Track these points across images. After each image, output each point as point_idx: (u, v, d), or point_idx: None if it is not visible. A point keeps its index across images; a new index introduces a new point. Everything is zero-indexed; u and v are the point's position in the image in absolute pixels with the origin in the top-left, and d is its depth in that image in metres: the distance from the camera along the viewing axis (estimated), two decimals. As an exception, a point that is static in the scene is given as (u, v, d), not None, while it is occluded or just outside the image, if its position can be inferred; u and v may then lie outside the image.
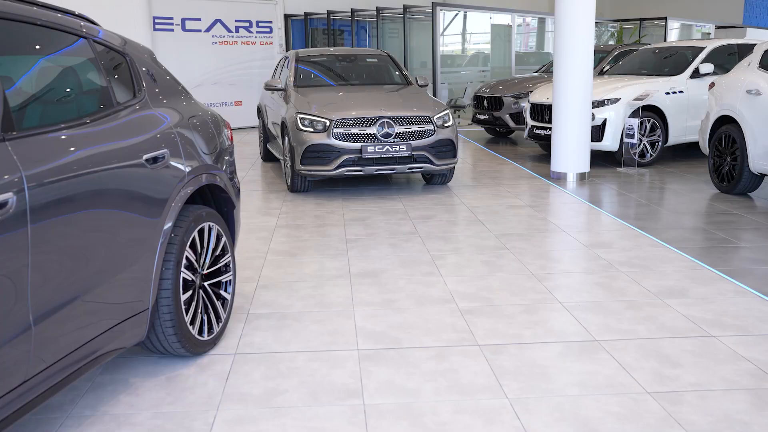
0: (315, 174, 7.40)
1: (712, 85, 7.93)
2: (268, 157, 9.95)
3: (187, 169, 3.35)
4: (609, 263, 5.05)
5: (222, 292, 3.71)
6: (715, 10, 22.79)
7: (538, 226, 6.18)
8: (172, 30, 13.78)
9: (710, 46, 9.80)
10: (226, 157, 3.87)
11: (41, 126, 2.59)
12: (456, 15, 16.55)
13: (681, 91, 9.29)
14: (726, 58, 9.68)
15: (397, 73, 9.08)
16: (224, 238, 3.71)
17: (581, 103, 8.19)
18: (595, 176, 8.55)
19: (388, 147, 7.30)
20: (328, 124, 7.28)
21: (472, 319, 4.00)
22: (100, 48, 3.15)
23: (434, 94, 14.26)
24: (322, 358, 3.50)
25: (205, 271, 3.55)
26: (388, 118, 7.35)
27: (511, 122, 11.75)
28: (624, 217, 6.46)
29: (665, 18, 19.26)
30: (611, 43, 18.68)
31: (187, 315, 3.32)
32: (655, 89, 9.06)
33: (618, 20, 20.48)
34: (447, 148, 7.61)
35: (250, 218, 6.60)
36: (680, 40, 18.95)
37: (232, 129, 4.35)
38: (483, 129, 13.24)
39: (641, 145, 9.12)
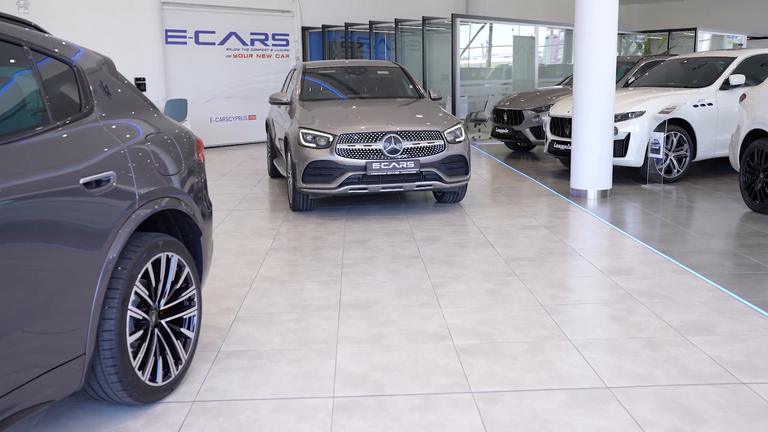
0: (317, 192, 7.01)
1: (743, 97, 7.41)
2: (275, 173, 9.60)
3: (140, 194, 2.96)
4: (627, 293, 4.56)
5: (183, 330, 3.32)
6: (748, 20, 22.07)
7: (552, 249, 5.71)
8: (185, 43, 13.55)
9: (741, 56, 9.26)
10: (194, 179, 3.49)
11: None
12: (482, 27, 16.14)
13: (710, 104, 8.75)
14: (758, 69, 9.13)
15: (409, 86, 8.68)
16: (187, 269, 3.32)
17: (603, 117, 7.71)
18: (618, 193, 8.04)
19: (394, 164, 6.89)
20: (331, 139, 6.89)
21: (467, 360, 3.55)
22: (39, 57, 2.79)
23: (453, 108, 13.84)
24: (291, 407, 3.08)
25: (163, 307, 3.17)
26: (395, 133, 6.95)
27: (531, 136, 11.28)
28: (646, 239, 5.96)
29: (695, 29, 18.64)
30: (638, 54, 18.11)
31: (135, 359, 2.92)
32: (683, 102, 8.54)
33: (646, 32, 19.91)
34: (458, 165, 7.18)
35: (244, 240, 6.22)
36: (710, 50, 18.31)
37: (245, 143, 3.95)
38: (503, 143, 12.78)
39: (667, 161, 8.59)
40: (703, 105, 8.74)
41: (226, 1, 13.98)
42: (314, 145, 6.94)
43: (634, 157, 8.48)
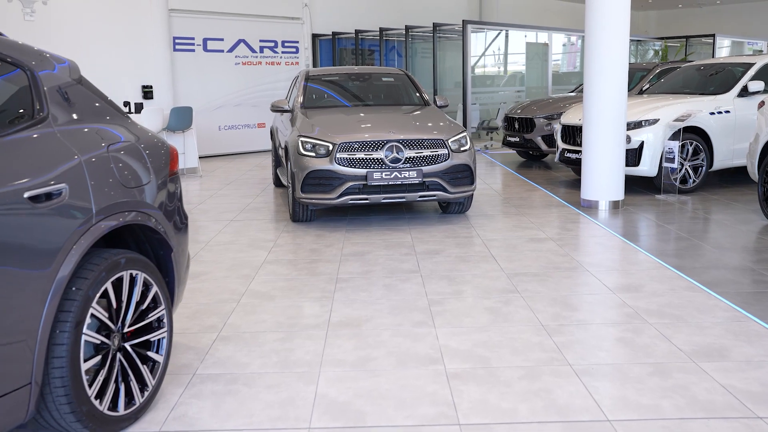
0: (317, 203, 6.78)
1: (761, 104, 7.10)
2: (279, 182, 9.38)
3: (98, 208, 2.74)
4: (635, 312, 4.28)
5: (151, 354, 3.09)
6: (768, 26, 21.65)
7: (558, 263, 5.43)
8: (193, 50, 13.41)
9: (760, 61, 8.93)
10: (165, 192, 3.26)
11: None
12: (498, 35, 15.89)
13: (727, 111, 8.43)
14: (778, 75, 8.80)
15: (415, 93, 8.44)
16: (155, 288, 3.09)
17: (614, 125, 7.42)
18: (631, 204, 7.74)
19: (396, 173, 6.64)
20: (331, 148, 6.66)
21: (458, 387, 3.29)
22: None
23: (464, 116, 13.58)
24: (262, 440, 2.84)
25: (127, 329, 2.94)
26: (397, 141, 6.71)
27: (543, 145, 11.00)
28: (659, 254, 5.66)
29: (713, 35, 18.27)
30: (655, 61, 17.75)
31: (92, 386, 2.70)
32: (698, 109, 8.23)
33: (663, 38, 19.55)
34: (463, 174, 6.92)
35: (239, 252, 6.00)
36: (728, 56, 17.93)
37: (253, 152, 3.72)
38: (515, 152, 12.49)
39: (683, 170, 8.27)
40: (720, 112, 8.42)
41: (234, 9, 13.84)
42: (314, 154, 6.72)
43: (647, 167, 8.17)
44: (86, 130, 2.90)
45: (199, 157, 12.88)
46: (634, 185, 8.74)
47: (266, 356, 3.71)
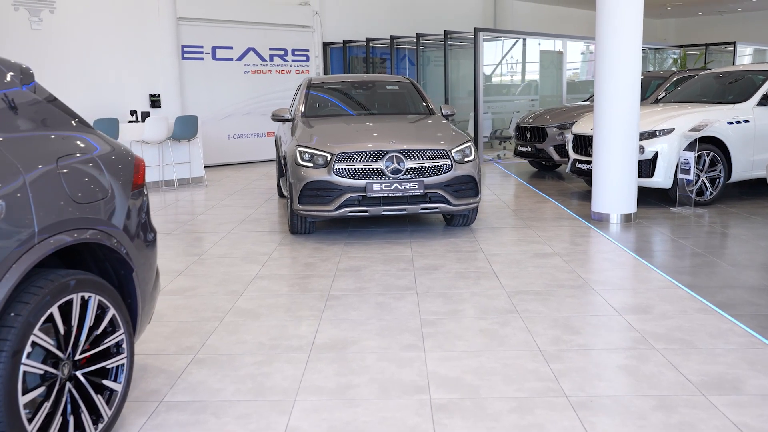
0: (315, 215, 6.54)
1: (782, 113, 6.77)
2: (283, 193, 9.16)
3: (41, 226, 2.51)
4: (642, 336, 3.98)
5: (107, 383, 2.85)
6: (791, 33, 21.17)
7: (563, 281, 5.14)
8: (201, 59, 13.28)
9: (781, 69, 8.59)
10: (125, 207, 3.03)
11: None
12: (515, 43, 15.63)
13: (746, 121, 8.10)
14: (800, 83, 8.44)
15: (420, 101, 8.20)
16: (112, 311, 2.86)
17: (626, 134, 7.12)
18: (644, 217, 7.42)
19: (396, 184, 6.39)
20: (329, 158, 6.43)
21: (442, 421, 3.02)
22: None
23: (476, 125, 13.30)
24: (219, 480, 2.59)
25: (80, 357, 2.71)
26: (398, 151, 6.46)
27: (555, 155, 10.70)
28: (671, 271, 5.35)
29: (734, 43, 17.85)
30: (673, 69, 17.38)
31: (33, 421, 2.46)
32: (716, 118, 7.90)
33: (682, 46, 19.15)
34: (467, 186, 6.65)
35: (231, 266, 5.78)
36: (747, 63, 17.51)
37: (262, 161, 3.48)
38: (527, 162, 12.19)
39: (699, 182, 7.94)
40: (738, 122, 8.09)
41: (244, 17, 13.69)
42: (311, 165, 6.49)
43: (662, 178, 7.85)
44: (33, 141, 2.68)
45: (208, 166, 12.75)
46: (649, 197, 8.42)
47: (241, 381, 3.46)
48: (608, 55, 7.09)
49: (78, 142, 2.91)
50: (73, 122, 3.02)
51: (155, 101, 12.51)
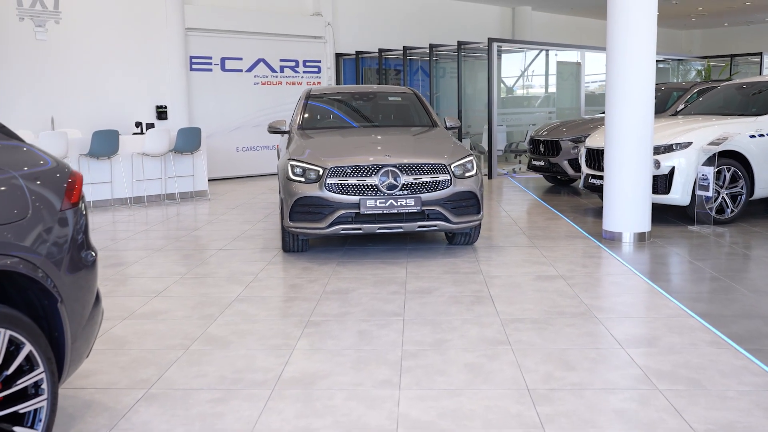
0: (306, 232, 6.20)
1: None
2: (283, 207, 8.85)
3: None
4: (644, 374, 3.57)
5: (19, 429, 2.52)
6: (821, 44, 20.49)
7: (563, 308, 4.74)
8: (210, 70, 13.07)
9: (808, 79, 8.11)
10: (50, 230, 2.70)
11: None
12: (537, 54, 15.24)
13: (770, 134, 7.63)
14: (828, 94, 7.96)
15: (423, 113, 7.84)
16: (28, 348, 2.53)
17: (639, 149, 6.70)
18: (659, 236, 6.98)
19: (392, 201, 6.03)
20: (321, 172, 6.10)
21: (405, 476, 2.64)
22: None
23: (490, 138, 12.90)
24: None
25: (-14, 399, 2.38)
26: (394, 166, 6.10)
27: (570, 169, 10.28)
28: (684, 298, 4.92)
29: (761, 54, 17.27)
30: (697, 81, 16.85)
31: None
32: (737, 131, 7.44)
33: (706, 57, 18.61)
34: (467, 203, 6.27)
35: (212, 287, 5.45)
36: (778, 76, 16.91)
37: (272, 174, 3.16)
38: (542, 176, 11.77)
39: (719, 199, 7.47)
40: (761, 135, 7.62)
41: (254, 27, 13.48)
42: (303, 180, 6.16)
43: (679, 195, 7.40)
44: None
45: (216, 179, 12.52)
46: (666, 215, 7.97)
47: (189, 423, 3.11)
48: (619, 65, 6.69)
49: (17, 157, 2.60)
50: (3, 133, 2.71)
51: (162, 113, 12.31)
